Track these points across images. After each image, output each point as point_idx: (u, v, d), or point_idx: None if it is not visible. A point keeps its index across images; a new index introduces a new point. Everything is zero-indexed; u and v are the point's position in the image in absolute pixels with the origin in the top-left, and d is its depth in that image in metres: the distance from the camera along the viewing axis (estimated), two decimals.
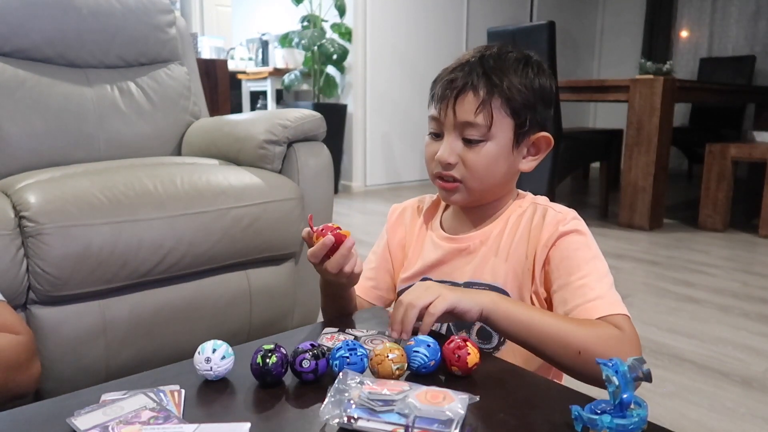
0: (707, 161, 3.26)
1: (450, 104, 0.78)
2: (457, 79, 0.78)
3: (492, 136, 0.78)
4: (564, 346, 0.68)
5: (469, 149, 0.79)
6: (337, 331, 0.74)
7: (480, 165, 0.79)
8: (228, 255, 1.38)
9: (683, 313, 2.01)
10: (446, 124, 0.79)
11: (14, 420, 0.54)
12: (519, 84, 0.78)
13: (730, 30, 5.45)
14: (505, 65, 0.79)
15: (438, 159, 0.80)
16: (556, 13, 5.47)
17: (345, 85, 4.48)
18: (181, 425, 0.48)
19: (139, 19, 1.81)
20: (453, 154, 0.79)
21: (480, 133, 0.77)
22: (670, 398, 1.43)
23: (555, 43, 3.08)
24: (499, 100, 0.77)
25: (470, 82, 0.77)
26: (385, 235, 0.96)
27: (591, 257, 0.77)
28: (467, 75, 0.78)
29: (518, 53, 0.82)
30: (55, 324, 1.18)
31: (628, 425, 0.47)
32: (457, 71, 0.80)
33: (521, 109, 0.79)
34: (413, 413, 0.49)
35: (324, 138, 1.65)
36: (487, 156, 0.79)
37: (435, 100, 0.81)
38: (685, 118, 5.35)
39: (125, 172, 1.36)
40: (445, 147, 0.79)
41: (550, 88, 0.82)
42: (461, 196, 0.82)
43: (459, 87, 0.78)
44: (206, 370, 0.58)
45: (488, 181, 0.81)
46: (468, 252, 0.84)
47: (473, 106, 0.77)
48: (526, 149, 0.83)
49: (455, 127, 0.78)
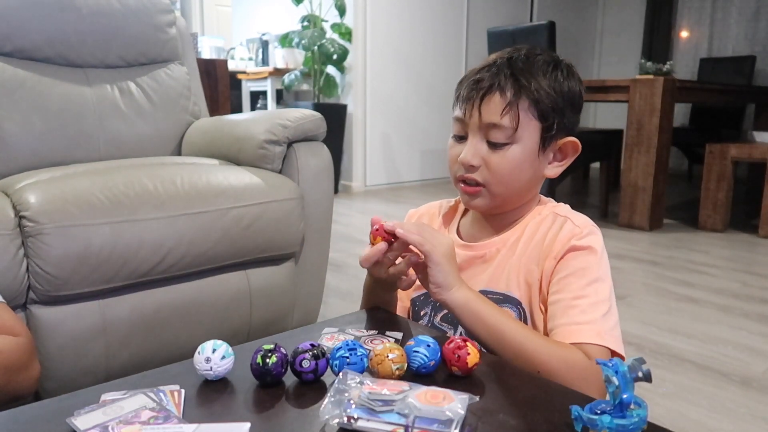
0: (707, 161, 3.26)
1: (476, 105, 0.76)
2: (484, 79, 0.76)
3: (518, 139, 0.76)
4: (524, 360, 0.67)
5: (494, 152, 0.76)
6: (336, 331, 0.74)
7: (504, 169, 0.77)
8: (228, 255, 1.38)
9: (683, 313, 2.01)
10: (471, 125, 0.77)
11: (14, 420, 0.54)
12: (547, 87, 0.76)
13: (730, 30, 5.45)
14: (533, 67, 0.77)
15: (461, 161, 0.78)
16: (556, 13, 5.48)
17: (345, 85, 4.48)
18: (181, 425, 0.48)
19: (139, 19, 1.81)
20: (477, 156, 0.77)
21: (505, 136, 0.75)
22: (670, 398, 1.43)
23: (555, 43, 3.08)
24: (526, 102, 0.75)
25: (497, 82, 0.75)
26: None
27: (594, 279, 0.75)
28: (494, 76, 0.76)
29: (547, 56, 0.80)
30: (55, 324, 1.18)
31: (628, 425, 0.47)
32: (484, 72, 0.77)
33: (549, 113, 0.76)
34: (413, 413, 0.49)
35: (324, 138, 1.65)
36: (512, 160, 0.76)
37: (460, 100, 0.79)
38: (685, 118, 5.35)
39: (125, 172, 1.36)
40: (469, 148, 0.77)
41: (579, 92, 0.81)
42: (483, 201, 0.80)
43: (485, 87, 0.76)
44: (206, 370, 0.58)
45: (512, 186, 0.79)
46: (484, 260, 0.82)
47: (499, 107, 0.75)
48: (552, 154, 0.81)
49: (480, 128, 0.76)
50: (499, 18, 5.13)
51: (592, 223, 0.81)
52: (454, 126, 0.80)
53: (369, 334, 0.72)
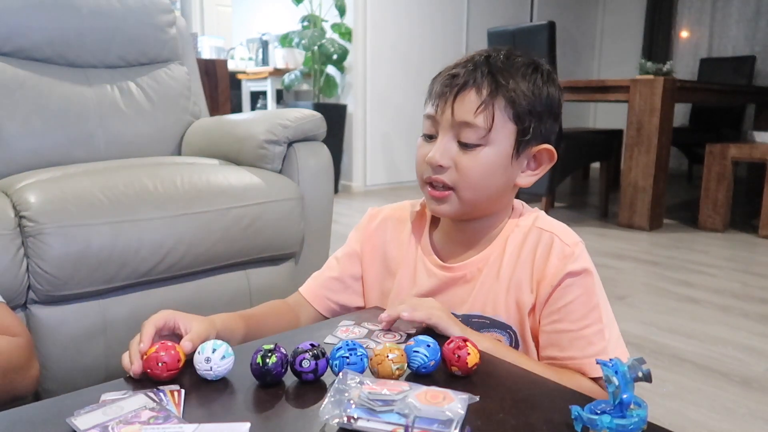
0: (707, 161, 3.26)
1: (449, 101, 0.72)
2: (460, 75, 0.72)
3: (491, 141, 0.71)
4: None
5: (465, 153, 0.72)
6: (353, 323, 0.74)
7: (475, 172, 0.72)
8: (228, 255, 1.38)
9: (683, 313, 2.01)
10: (442, 123, 0.73)
11: (14, 420, 0.54)
12: (526, 89, 0.72)
13: (730, 30, 5.45)
14: (512, 68, 0.73)
15: (428, 161, 0.73)
16: (556, 13, 5.47)
17: (345, 85, 4.48)
18: (181, 425, 0.48)
19: (139, 19, 1.81)
20: (446, 156, 0.72)
21: (478, 136, 0.71)
22: (670, 398, 1.43)
23: (555, 43, 3.08)
24: (502, 102, 0.71)
25: (473, 79, 0.71)
26: (357, 242, 0.88)
27: (595, 304, 0.72)
28: (471, 72, 0.72)
29: (527, 59, 0.76)
30: (55, 324, 1.18)
31: (628, 425, 0.47)
32: (460, 67, 0.74)
33: (525, 115, 0.72)
34: (413, 413, 0.49)
35: (324, 138, 1.65)
36: (484, 163, 0.72)
37: (433, 96, 0.75)
38: (685, 118, 5.35)
39: (125, 171, 1.36)
40: (438, 147, 0.72)
41: (558, 99, 0.76)
42: (451, 207, 0.75)
43: (460, 84, 0.71)
44: (206, 370, 0.58)
45: (482, 192, 0.74)
46: (465, 280, 0.78)
47: (474, 105, 0.70)
48: (526, 162, 0.76)
49: (452, 127, 0.72)
50: (499, 18, 5.13)
51: (574, 234, 0.77)
52: (425, 124, 0.76)
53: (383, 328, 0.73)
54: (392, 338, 0.70)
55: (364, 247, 0.88)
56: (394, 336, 0.70)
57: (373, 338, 0.69)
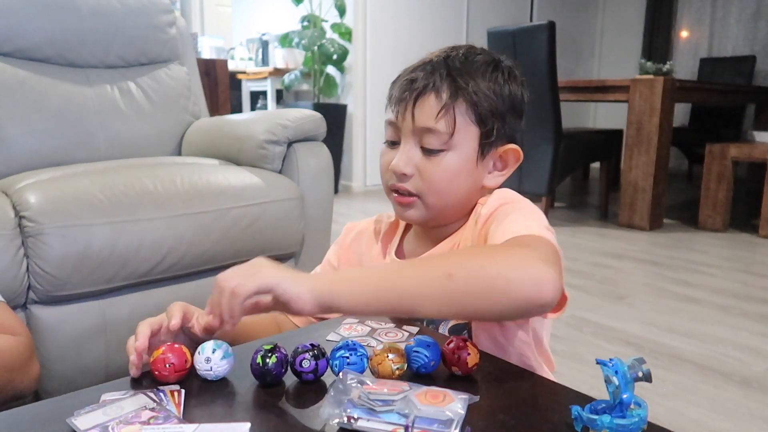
0: (707, 161, 3.26)
1: (408, 107, 0.70)
2: (418, 79, 0.70)
3: (454, 146, 0.70)
4: (444, 291, 0.54)
5: (428, 159, 0.70)
6: (357, 322, 0.74)
7: (439, 178, 0.70)
8: (228, 255, 1.38)
9: (683, 313, 2.01)
10: (404, 129, 0.71)
11: (14, 420, 0.54)
12: (487, 89, 0.70)
13: (730, 30, 5.46)
14: (472, 67, 0.71)
15: (392, 169, 0.71)
16: (556, 13, 5.47)
17: (345, 85, 4.48)
18: (182, 425, 0.48)
19: (139, 19, 1.81)
20: (409, 164, 0.70)
21: (440, 142, 0.69)
22: (670, 398, 1.43)
23: (555, 43, 3.08)
24: (463, 105, 0.69)
25: (432, 83, 0.69)
26: (334, 257, 0.87)
27: (518, 207, 0.68)
28: (429, 75, 0.70)
29: (488, 56, 0.74)
30: (55, 324, 1.18)
31: (628, 425, 0.47)
32: (419, 71, 0.72)
33: (488, 117, 0.70)
34: (413, 413, 0.49)
35: (324, 138, 1.65)
36: (448, 168, 0.70)
37: (392, 102, 0.73)
38: (685, 118, 5.35)
39: (125, 172, 1.36)
40: (401, 155, 0.71)
41: (521, 96, 0.74)
42: (418, 213, 0.73)
43: (419, 88, 0.70)
44: (206, 370, 0.58)
45: (448, 197, 0.72)
46: None
47: (434, 110, 0.69)
48: (492, 163, 0.74)
49: (413, 133, 0.70)
50: (499, 18, 5.13)
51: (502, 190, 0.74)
52: (387, 131, 0.74)
53: (386, 326, 0.73)
54: (394, 337, 0.70)
55: (340, 261, 0.87)
56: (396, 335, 0.70)
57: (375, 336, 0.70)
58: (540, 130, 3.21)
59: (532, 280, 0.53)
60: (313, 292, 0.54)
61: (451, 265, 0.55)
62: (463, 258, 0.57)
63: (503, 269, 0.54)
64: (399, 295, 0.55)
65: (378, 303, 0.56)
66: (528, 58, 3.11)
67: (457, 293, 0.54)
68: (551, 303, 0.55)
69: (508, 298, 0.54)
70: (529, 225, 0.63)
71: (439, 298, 0.55)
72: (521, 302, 0.54)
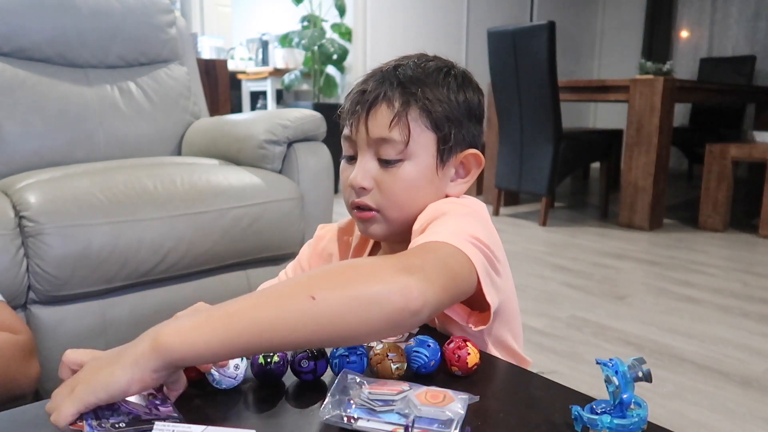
0: (707, 161, 3.26)
1: (362, 119, 0.68)
2: (368, 90, 0.69)
3: (410, 155, 0.68)
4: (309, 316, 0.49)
5: (386, 171, 0.68)
6: None
7: (398, 189, 0.68)
8: (228, 255, 1.38)
9: (683, 313, 2.01)
10: (359, 142, 0.69)
11: (14, 420, 0.54)
12: (439, 94, 0.69)
13: (730, 30, 5.45)
14: (423, 74, 0.70)
15: (350, 183, 0.69)
16: (556, 13, 5.47)
17: (345, 85, 4.48)
18: (190, 426, 0.48)
19: (139, 19, 1.81)
20: (367, 177, 0.68)
21: (396, 151, 0.67)
22: (670, 398, 1.43)
23: (555, 43, 3.08)
24: (416, 112, 0.67)
25: (383, 92, 0.68)
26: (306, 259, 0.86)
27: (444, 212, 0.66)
28: (379, 85, 0.69)
29: (440, 62, 0.73)
30: (55, 324, 1.18)
31: (628, 425, 0.47)
32: (369, 82, 0.70)
33: (443, 122, 0.69)
34: (413, 413, 0.49)
35: (324, 138, 1.65)
36: (406, 179, 0.68)
37: (345, 116, 0.71)
38: (685, 118, 5.35)
39: (125, 172, 1.36)
40: (359, 169, 0.69)
41: (477, 101, 0.73)
42: (380, 228, 0.71)
43: (370, 99, 0.68)
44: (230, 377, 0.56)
45: (409, 210, 0.69)
46: None
47: (387, 119, 0.67)
48: (453, 170, 0.72)
49: (369, 145, 0.68)
50: (499, 18, 5.13)
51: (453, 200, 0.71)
52: (344, 146, 0.72)
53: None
54: (394, 337, 0.69)
55: (311, 265, 0.87)
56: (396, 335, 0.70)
57: None
58: (540, 130, 3.21)
59: (398, 289, 0.51)
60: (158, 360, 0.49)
61: (313, 286, 0.50)
62: (325, 277, 0.53)
63: (368, 282, 0.51)
64: (259, 331, 0.48)
65: (233, 346, 0.48)
66: (528, 58, 3.11)
67: (324, 317, 0.49)
68: (422, 311, 0.52)
69: (380, 311, 0.50)
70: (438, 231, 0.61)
71: (305, 326, 0.49)
72: (393, 313, 0.50)
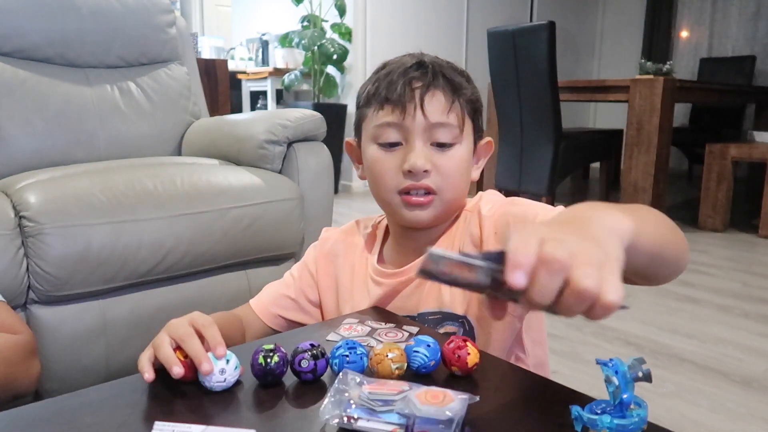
0: (707, 161, 3.26)
1: (417, 105, 0.71)
2: (416, 78, 0.72)
3: (461, 139, 0.73)
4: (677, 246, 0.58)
5: (442, 154, 0.72)
6: (357, 322, 0.74)
7: (454, 171, 0.72)
8: (228, 255, 1.38)
9: (683, 313, 2.01)
10: (414, 128, 0.71)
11: (14, 420, 0.54)
12: (468, 86, 0.75)
13: (730, 30, 5.46)
14: (449, 68, 0.75)
15: (411, 168, 0.70)
16: (556, 13, 5.47)
17: (345, 85, 4.48)
18: (190, 426, 0.48)
19: (139, 19, 1.81)
20: (428, 160, 0.71)
21: (452, 135, 0.72)
22: (670, 398, 1.43)
23: (555, 43, 3.08)
24: (462, 100, 0.73)
25: (435, 81, 0.72)
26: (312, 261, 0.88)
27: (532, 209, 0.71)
28: (425, 75, 0.72)
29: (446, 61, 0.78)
30: (55, 324, 1.18)
31: (628, 425, 0.47)
32: (412, 71, 0.73)
33: (477, 111, 0.76)
34: (413, 413, 0.49)
35: (324, 138, 1.65)
36: (460, 160, 0.73)
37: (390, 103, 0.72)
38: (685, 118, 5.35)
39: (125, 172, 1.36)
40: (419, 153, 0.70)
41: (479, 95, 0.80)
42: (432, 212, 0.73)
43: (425, 86, 0.71)
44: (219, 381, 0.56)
45: (459, 191, 0.74)
46: (412, 282, 0.76)
47: (443, 105, 0.71)
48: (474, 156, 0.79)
49: (425, 130, 0.71)
50: (499, 18, 5.13)
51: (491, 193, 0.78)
52: (385, 132, 0.73)
53: (387, 326, 0.72)
54: (394, 337, 0.70)
55: (318, 267, 0.87)
56: (396, 335, 0.70)
57: (375, 336, 0.69)
58: (540, 130, 3.21)
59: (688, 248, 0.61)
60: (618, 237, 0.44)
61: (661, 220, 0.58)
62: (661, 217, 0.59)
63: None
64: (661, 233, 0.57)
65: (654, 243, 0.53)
66: (528, 58, 3.11)
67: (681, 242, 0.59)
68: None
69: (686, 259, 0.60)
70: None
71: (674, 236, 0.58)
72: (685, 265, 0.60)
